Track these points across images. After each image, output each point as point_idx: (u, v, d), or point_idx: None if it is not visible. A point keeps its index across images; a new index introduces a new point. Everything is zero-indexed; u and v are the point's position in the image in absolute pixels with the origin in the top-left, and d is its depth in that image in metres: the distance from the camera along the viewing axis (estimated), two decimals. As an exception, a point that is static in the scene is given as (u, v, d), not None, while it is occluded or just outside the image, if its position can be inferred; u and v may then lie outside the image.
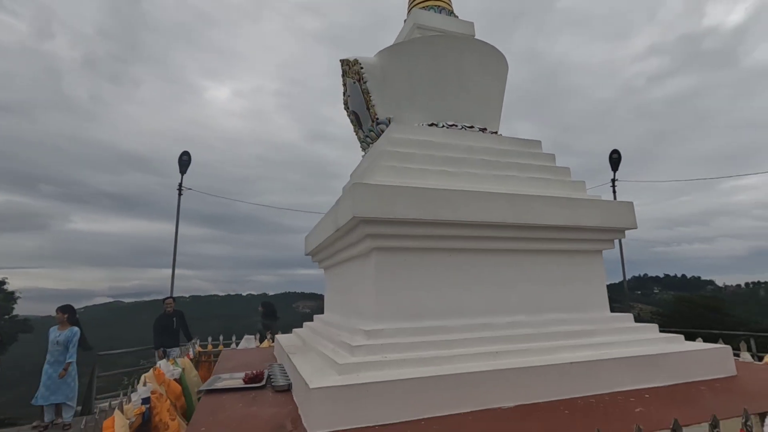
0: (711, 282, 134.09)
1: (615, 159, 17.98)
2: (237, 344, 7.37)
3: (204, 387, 3.66)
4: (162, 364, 4.65)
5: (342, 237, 3.95)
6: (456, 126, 4.57)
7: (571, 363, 3.16)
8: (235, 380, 3.92)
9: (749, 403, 2.66)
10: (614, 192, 19.27)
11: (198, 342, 7.65)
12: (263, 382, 3.70)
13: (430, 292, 3.60)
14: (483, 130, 4.74)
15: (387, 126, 4.78)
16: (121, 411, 3.10)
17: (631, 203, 4.19)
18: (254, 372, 3.92)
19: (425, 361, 3.08)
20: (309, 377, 2.81)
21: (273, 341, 7.20)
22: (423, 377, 2.78)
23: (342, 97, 5.65)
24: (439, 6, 5.48)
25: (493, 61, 4.87)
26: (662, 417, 2.60)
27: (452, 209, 3.52)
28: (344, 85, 5.48)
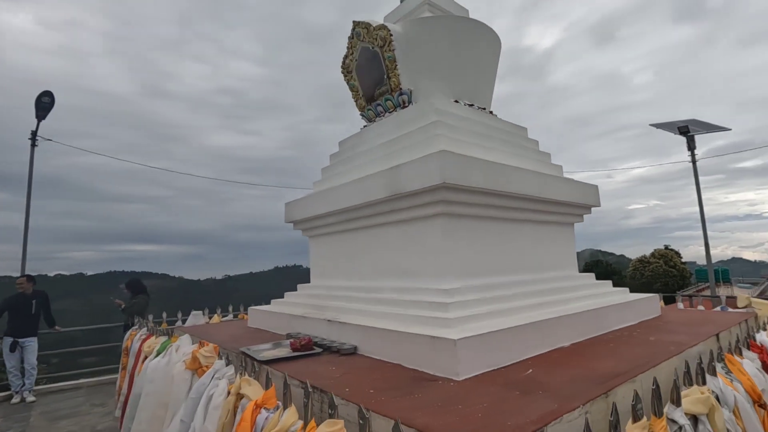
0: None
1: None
2: (183, 321, 6.54)
3: (263, 358, 3.41)
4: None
5: (394, 201, 4.04)
6: (473, 105, 4.97)
7: (588, 311, 3.98)
8: (282, 349, 3.73)
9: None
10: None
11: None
12: (318, 349, 3.64)
13: (480, 254, 4.02)
14: (483, 109, 5.25)
15: (409, 97, 4.91)
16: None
17: (596, 186, 5.24)
18: (303, 339, 3.78)
19: (503, 312, 3.53)
20: (435, 332, 2.99)
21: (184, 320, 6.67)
22: (520, 325, 3.22)
23: (345, 60, 5.47)
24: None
25: (496, 44, 5.38)
26: (665, 339, 3.58)
27: (507, 181, 3.97)
28: (351, 47, 5.32)
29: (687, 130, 17.36)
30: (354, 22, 5.17)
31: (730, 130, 18.35)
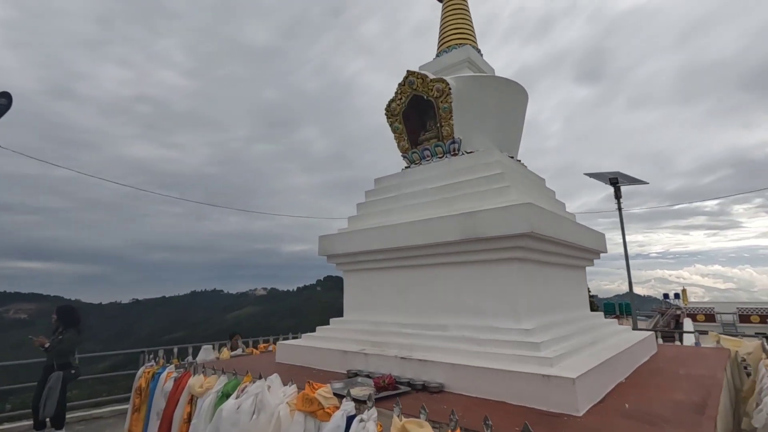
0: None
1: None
2: (193, 356, 6.01)
3: (362, 397, 3.43)
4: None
5: (466, 243, 4.33)
6: (513, 157, 5.50)
7: (629, 348, 4.53)
8: (363, 388, 3.77)
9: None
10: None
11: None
12: (403, 388, 3.73)
13: (543, 295, 4.44)
14: (519, 160, 5.82)
15: (459, 145, 5.31)
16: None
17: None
18: (385, 378, 3.85)
19: (577, 349, 3.93)
20: (544, 371, 3.28)
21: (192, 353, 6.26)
22: (603, 361, 3.64)
23: (391, 104, 5.76)
24: (473, 45, 6.31)
25: (525, 99, 6.00)
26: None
27: (564, 231, 4.48)
28: (401, 93, 5.64)
29: (616, 181, 19.94)
30: (408, 71, 5.52)
31: (648, 183, 21.48)
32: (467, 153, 5.29)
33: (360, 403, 3.17)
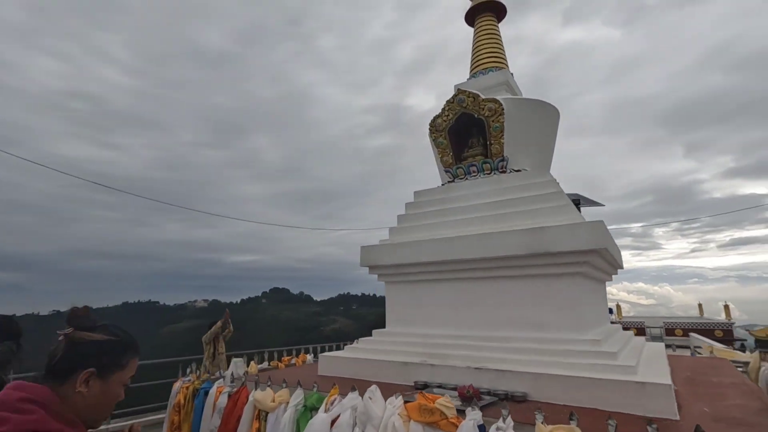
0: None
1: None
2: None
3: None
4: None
5: (531, 258, 4.53)
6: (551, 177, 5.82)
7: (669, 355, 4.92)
8: (451, 398, 3.82)
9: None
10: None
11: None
12: (489, 398, 3.82)
13: (595, 308, 4.73)
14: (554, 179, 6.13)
15: (506, 163, 5.55)
16: None
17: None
18: (468, 388, 3.91)
19: (634, 354, 4.22)
20: (637, 378, 3.52)
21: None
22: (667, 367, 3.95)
23: (436, 119, 5.91)
24: (506, 68, 6.66)
25: (558, 120, 6.36)
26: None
27: (614, 248, 4.83)
28: (448, 110, 5.80)
29: (578, 202, 21.40)
30: (459, 89, 5.71)
31: (604, 206, 23.20)
32: (514, 171, 5.55)
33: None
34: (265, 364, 6.31)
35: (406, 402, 3.35)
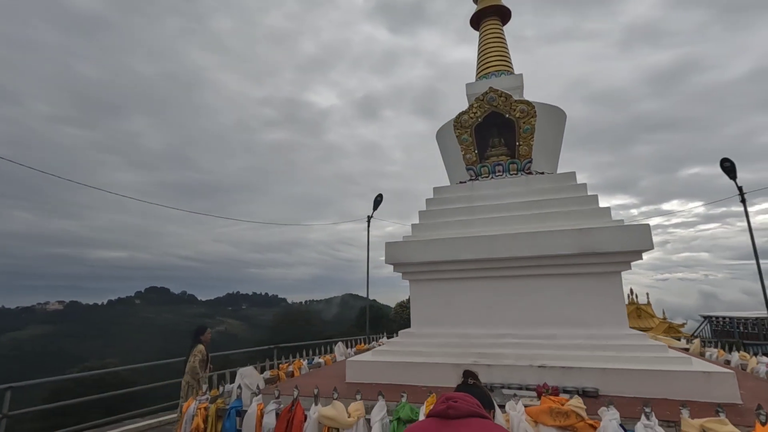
0: (284, 300, 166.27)
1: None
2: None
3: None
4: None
5: (578, 257, 4.71)
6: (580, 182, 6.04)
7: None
8: (529, 394, 3.79)
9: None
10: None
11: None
12: (566, 394, 3.88)
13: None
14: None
15: (531, 164, 5.70)
16: None
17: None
18: (545, 386, 3.91)
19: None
20: (703, 368, 3.86)
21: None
22: (702, 359, 4.42)
23: (462, 115, 5.79)
24: (512, 71, 6.85)
25: (565, 124, 6.68)
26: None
27: (636, 249, 5.26)
28: (477, 108, 5.73)
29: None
30: (490, 88, 5.68)
31: None
32: (538, 173, 5.72)
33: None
34: (266, 374, 5.54)
35: (526, 406, 3.20)
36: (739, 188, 13.48)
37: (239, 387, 4.79)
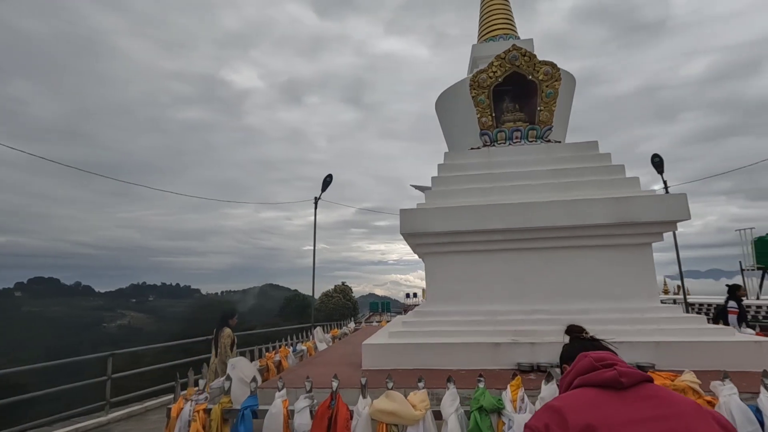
0: (198, 290, 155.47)
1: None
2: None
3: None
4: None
5: (614, 228, 4.46)
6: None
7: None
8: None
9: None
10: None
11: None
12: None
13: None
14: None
15: (551, 131, 5.36)
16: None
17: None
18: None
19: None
20: (753, 338, 3.78)
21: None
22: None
23: (480, 74, 5.24)
24: (514, 34, 6.47)
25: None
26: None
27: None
28: (497, 66, 5.22)
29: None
30: (514, 46, 5.19)
31: None
32: (555, 141, 5.41)
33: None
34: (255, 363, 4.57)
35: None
36: (665, 182, 14.80)
37: (228, 379, 3.87)
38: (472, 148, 5.54)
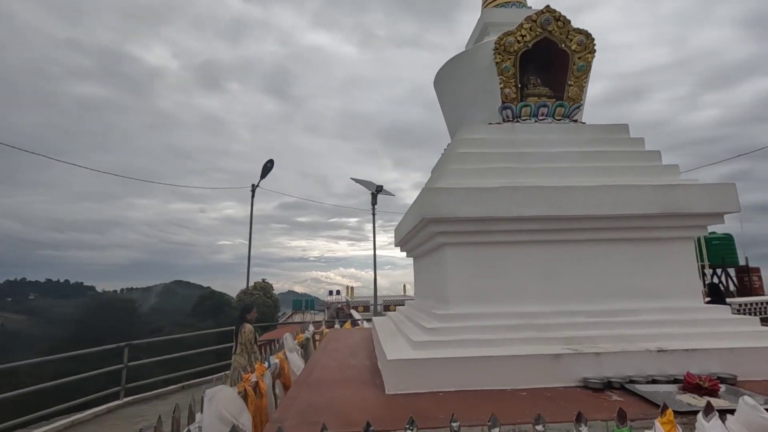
0: (92, 288, 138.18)
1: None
2: None
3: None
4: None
5: (658, 219, 3.97)
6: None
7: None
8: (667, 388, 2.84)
9: None
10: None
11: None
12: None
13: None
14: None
15: (579, 110, 4.78)
16: None
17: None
18: (696, 378, 2.99)
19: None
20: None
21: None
22: None
23: (507, 37, 4.45)
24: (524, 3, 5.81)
25: None
26: None
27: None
28: (527, 29, 4.47)
29: (380, 190, 22.53)
30: (547, 8, 4.48)
31: (393, 195, 25.45)
32: (581, 122, 4.84)
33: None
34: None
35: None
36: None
37: (197, 426, 2.71)
38: (490, 123, 4.77)
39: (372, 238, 22.44)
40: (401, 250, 6.55)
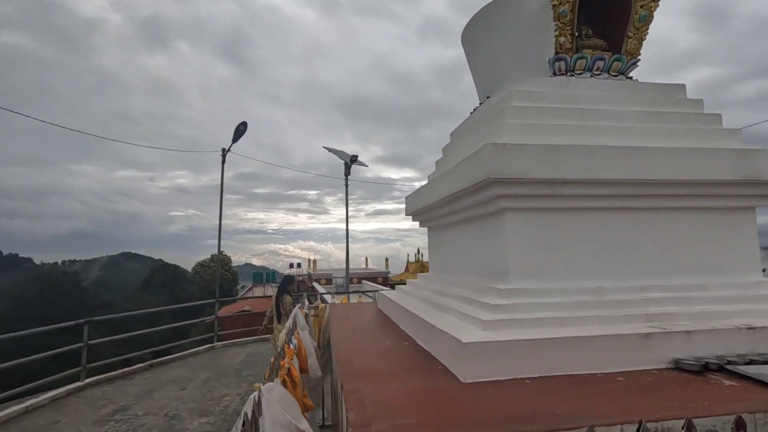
0: (29, 260, 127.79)
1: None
2: None
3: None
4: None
5: (731, 186, 3.68)
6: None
7: None
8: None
9: None
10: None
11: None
12: None
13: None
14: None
15: (636, 66, 4.36)
16: None
17: None
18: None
19: None
20: None
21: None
22: None
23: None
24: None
25: None
26: None
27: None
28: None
29: (354, 160, 21.59)
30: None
31: (367, 166, 24.64)
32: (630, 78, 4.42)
33: None
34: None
35: None
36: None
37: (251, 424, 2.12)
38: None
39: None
40: (414, 220, 6.02)
